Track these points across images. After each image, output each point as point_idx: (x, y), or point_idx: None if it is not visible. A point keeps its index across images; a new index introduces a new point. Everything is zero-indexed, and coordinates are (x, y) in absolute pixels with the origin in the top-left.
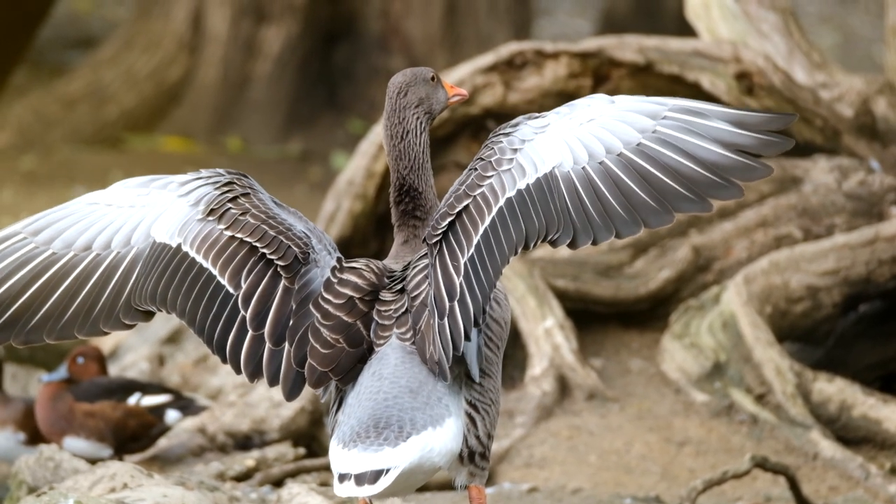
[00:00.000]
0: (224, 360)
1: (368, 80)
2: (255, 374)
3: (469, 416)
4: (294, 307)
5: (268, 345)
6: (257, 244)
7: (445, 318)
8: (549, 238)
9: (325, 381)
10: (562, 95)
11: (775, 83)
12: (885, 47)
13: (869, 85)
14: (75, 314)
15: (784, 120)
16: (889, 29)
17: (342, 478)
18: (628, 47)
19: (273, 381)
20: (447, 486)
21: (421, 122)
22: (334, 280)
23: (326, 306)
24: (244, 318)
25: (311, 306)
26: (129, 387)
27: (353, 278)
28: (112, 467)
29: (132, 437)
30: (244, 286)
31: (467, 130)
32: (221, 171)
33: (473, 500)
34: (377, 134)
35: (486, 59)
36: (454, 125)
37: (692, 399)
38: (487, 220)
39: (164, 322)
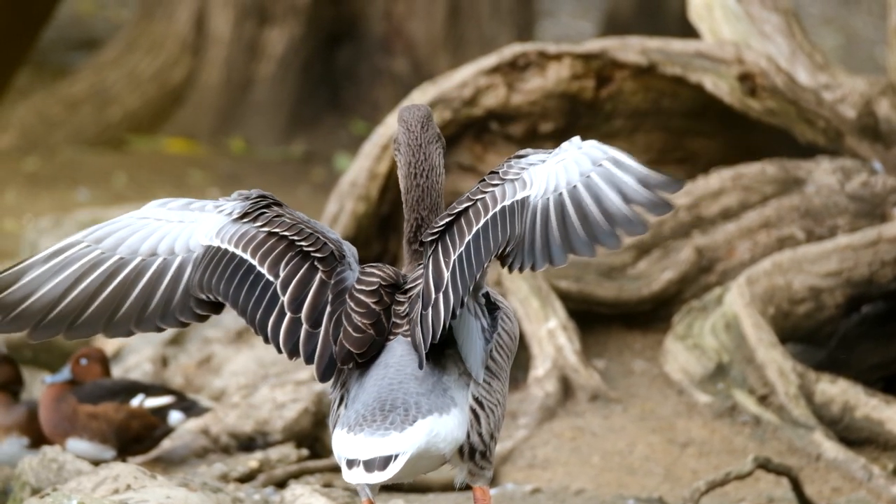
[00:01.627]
0: (266, 341)
1: (371, 81)
2: (293, 353)
3: (474, 411)
4: (330, 297)
5: (304, 326)
6: (294, 237)
7: (430, 308)
8: (509, 249)
9: (350, 360)
10: (564, 97)
11: (778, 84)
12: (888, 49)
13: (871, 86)
14: (156, 308)
15: (677, 186)
16: (891, 30)
17: (350, 464)
18: (631, 49)
19: (309, 360)
20: (451, 486)
21: (442, 158)
22: (363, 276)
23: (359, 295)
24: (283, 302)
25: (346, 296)
26: (133, 388)
27: (378, 271)
28: (115, 468)
29: (135, 439)
30: (282, 274)
31: (470, 132)
32: (252, 191)
33: (478, 501)
34: (380, 135)
35: (489, 60)
36: (457, 126)
37: (695, 400)
38: (482, 222)
39: None
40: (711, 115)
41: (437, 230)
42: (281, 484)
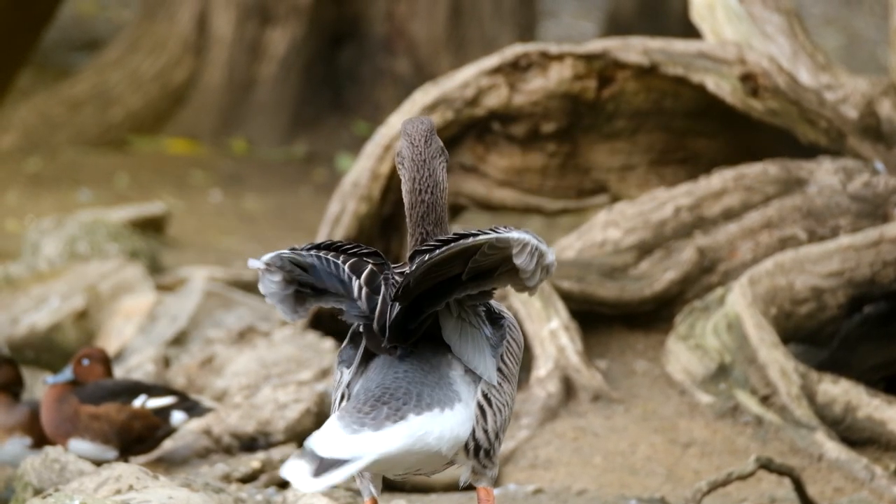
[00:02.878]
0: (347, 318)
1: (373, 82)
2: (370, 320)
3: (481, 408)
4: (383, 281)
5: (365, 289)
6: (337, 243)
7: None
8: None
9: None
10: (566, 97)
11: (780, 85)
12: (890, 49)
13: (873, 86)
14: None
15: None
16: (893, 31)
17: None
18: (633, 49)
19: (371, 314)
20: (453, 487)
21: (445, 172)
22: (393, 264)
23: (395, 276)
24: (347, 273)
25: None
26: (135, 389)
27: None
28: (117, 469)
29: (137, 439)
30: (341, 258)
31: (472, 132)
32: None
33: (482, 501)
34: (382, 136)
35: (491, 60)
36: (459, 127)
37: (697, 400)
38: (471, 241)
39: (170, 324)
40: (713, 116)
41: (432, 245)
42: (283, 484)
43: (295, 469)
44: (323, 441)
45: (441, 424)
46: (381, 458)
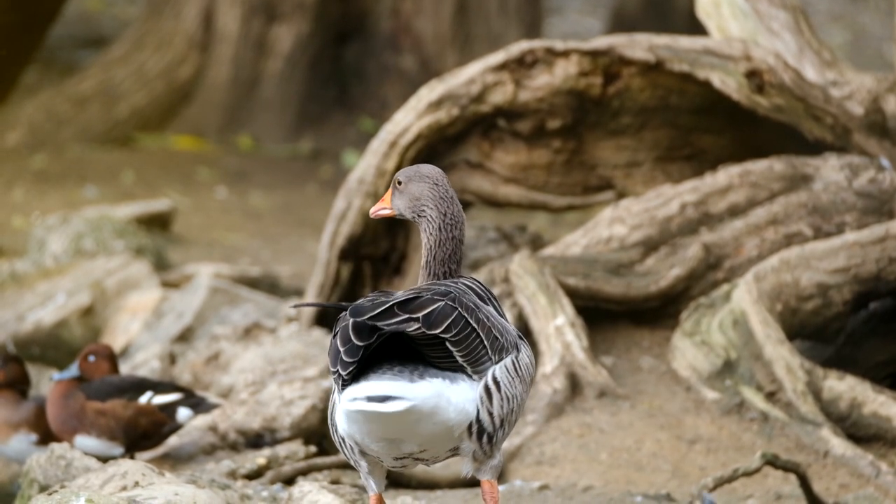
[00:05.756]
0: None
1: (379, 78)
2: None
3: (487, 390)
4: None
5: None
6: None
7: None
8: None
9: None
10: (572, 94)
11: (785, 81)
12: (895, 45)
13: (879, 83)
14: None
15: None
16: None
17: (353, 402)
18: (638, 46)
19: None
20: (458, 483)
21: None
22: None
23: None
24: None
25: None
26: (141, 385)
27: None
28: (123, 466)
29: (143, 436)
30: None
31: (478, 129)
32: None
33: (486, 493)
34: (388, 132)
35: (497, 57)
36: (465, 123)
37: (703, 397)
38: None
39: (175, 320)
40: (719, 112)
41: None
42: (289, 481)
43: (355, 405)
44: (364, 389)
45: (452, 392)
46: (419, 407)
